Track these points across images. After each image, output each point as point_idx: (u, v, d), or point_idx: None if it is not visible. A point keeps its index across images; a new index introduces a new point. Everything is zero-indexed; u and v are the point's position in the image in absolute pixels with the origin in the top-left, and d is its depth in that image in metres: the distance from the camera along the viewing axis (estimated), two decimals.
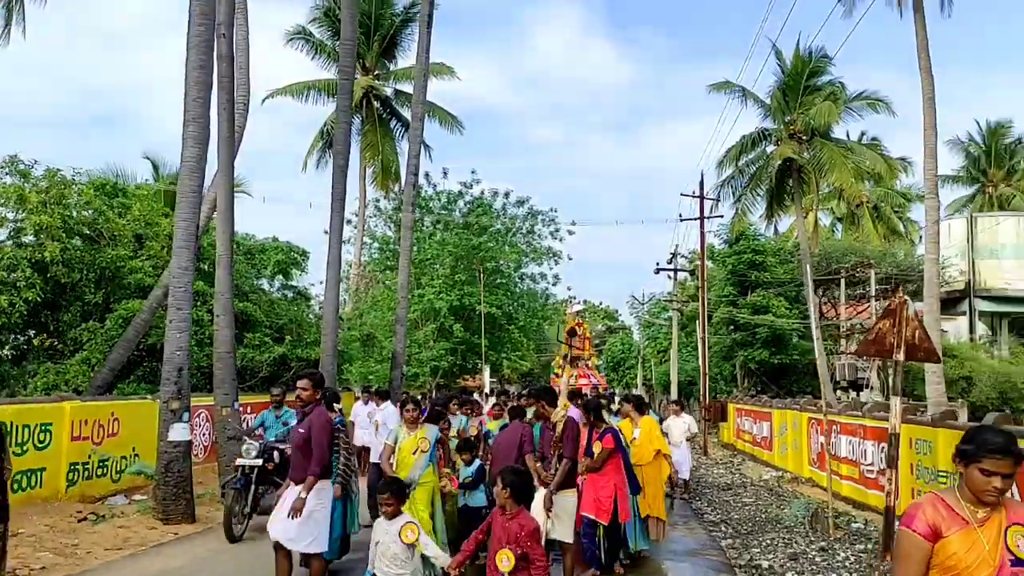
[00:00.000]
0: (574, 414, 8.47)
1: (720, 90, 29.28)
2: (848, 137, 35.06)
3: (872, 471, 13.99)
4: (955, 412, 12.97)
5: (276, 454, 10.63)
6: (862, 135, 40.09)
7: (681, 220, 31.10)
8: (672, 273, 31.22)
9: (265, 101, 35.07)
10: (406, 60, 34.85)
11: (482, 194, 34.82)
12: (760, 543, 10.59)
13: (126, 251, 16.19)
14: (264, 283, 22.50)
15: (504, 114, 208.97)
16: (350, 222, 31.21)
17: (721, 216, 31.51)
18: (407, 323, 22.01)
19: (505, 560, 5.18)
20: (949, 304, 34.46)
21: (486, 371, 36.49)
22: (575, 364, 32.77)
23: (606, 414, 8.63)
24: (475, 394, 24.23)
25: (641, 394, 23.00)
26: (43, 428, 11.64)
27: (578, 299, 46.71)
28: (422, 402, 9.81)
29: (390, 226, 35.09)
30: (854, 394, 29.73)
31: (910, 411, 12.71)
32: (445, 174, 33.70)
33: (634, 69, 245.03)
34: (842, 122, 30.67)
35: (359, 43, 26.37)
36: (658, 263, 36.48)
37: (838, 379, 29.97)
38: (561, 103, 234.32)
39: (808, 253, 28.81)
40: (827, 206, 44.17)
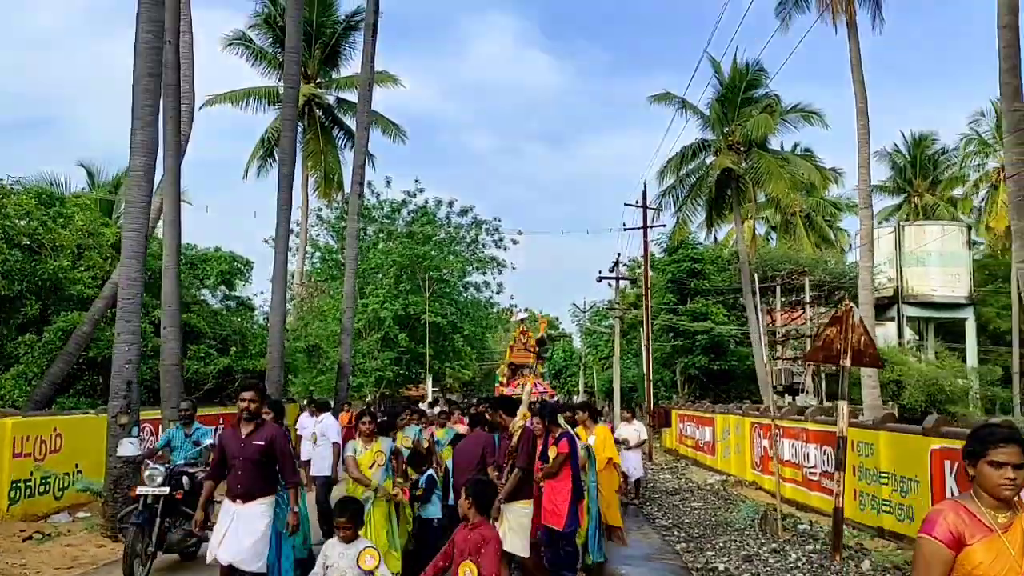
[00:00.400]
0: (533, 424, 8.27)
1: (661, 101, 29.85)
2: (782, 148, 36.07)
3: (815, 474, 14.40)
4: (894, 415, 13.46)
5: (186, 480, 9.13)
6: (795, 146, 41.34)
7: (625, 229, 31.44)
8: (614, 281, 31.55)
9: (202, 108, 34.46)
10: (348, 68, 34.69)
11: (426, 203, 34.84)
12: (714, 546, 10.83)
13: (68, 262, 15.74)
14: (206, 293, 22.09)
15: (440, 122, 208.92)
16: (292, 231, 30.81)
17: (664, 225, 32.07)
18: (352, 333, 21.90)
19: (468, 572, 5.11)
20: (879, 310, 35.45)
21: (429, 381, 36.44)
22: (520, 372, 33.02)
23: (561, 419, 8.60)
24: (420, 404, 24.15)
25: (594, 402, 23.17)
26: None
27: (519, 308, 47.09)
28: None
29: (332, 235, 34.80)
30: (790, 398, 30.53)
31: (852, 415, 13.14)
32: (388, 183, 33.69)
33: (570, 79, 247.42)
34: (778, 133, 31.63)
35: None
36: (600, 271, 36.92)
37: (774, 384, 30.72)
38: (497, 112, 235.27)
39: (747, 261, 29.53)
40: (762, 215, 45.28)
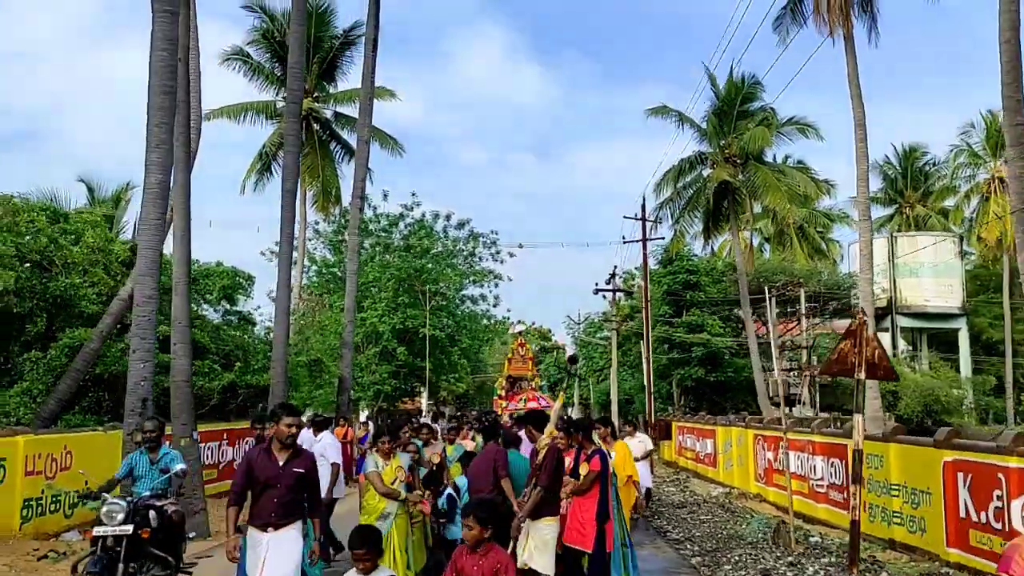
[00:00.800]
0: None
1: (657, 114, 30.15)
2: (775, 160, 36.39)
3: (822, 486, 14.50)
4: (904, 427, 13.56)
5: (153, 515, 7.71)
6: (787, 158, 41.66)
7: (625, 242, 31.70)
8: (611, 293, 31.73)
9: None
10: (346, 83, 34.76)
11: (423, 216, 34.94)
12: (729, 560, 10.87)
13: (79, 279, 15.73)
14: (208, 309, 22.07)
15: (432, 135, 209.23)
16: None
17: (662, 238, 32.33)
18: (352, 347, 21.94)
19: None
20: (873, 321, 35.85)
21: (425, 394, 36.45)
22: (519, 385, 33.14)
23: (596, 436, 8.56)
24: (422, 417, 24.14)
25: (589, 414, 23.29)
26: None
27: (514, 321, 47.19)
28: (366, 426, 9.35)
29: (329, 249, 34.83)
30: (787, 409, 30.67)
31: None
32: (385, 196, 33.72)
33: (561, 92, 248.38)
34: (773, 146, 31.92)
35: None
36: (597, 283, 37.11)
37: (771, 395, 30.89)
38: (488, 125, 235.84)
39: (744, 272, 29.75)
40: (756, 226, 45.60)
